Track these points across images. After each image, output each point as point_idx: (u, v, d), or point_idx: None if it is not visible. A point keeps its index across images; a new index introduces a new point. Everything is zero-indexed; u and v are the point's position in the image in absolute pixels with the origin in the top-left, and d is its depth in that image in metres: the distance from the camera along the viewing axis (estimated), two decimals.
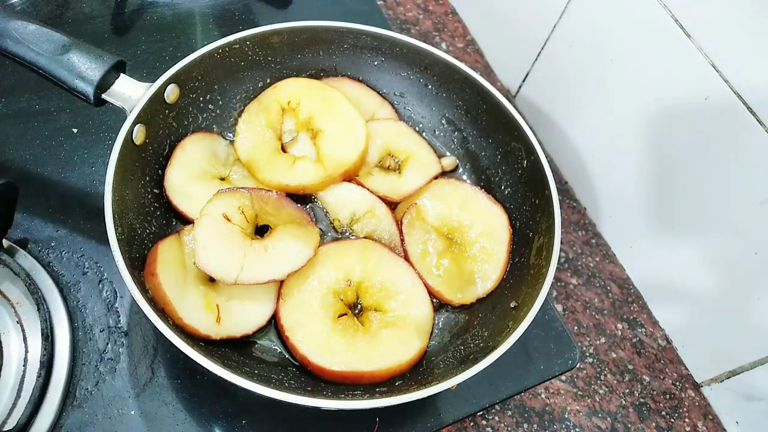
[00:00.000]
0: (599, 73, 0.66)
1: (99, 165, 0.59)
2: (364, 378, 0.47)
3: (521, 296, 0.50)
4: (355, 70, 0.63)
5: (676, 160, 0.60)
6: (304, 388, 0.45)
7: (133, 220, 0.49)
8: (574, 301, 0.68)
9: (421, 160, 0.60)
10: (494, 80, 0.85)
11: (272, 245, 0.49)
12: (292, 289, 0.49)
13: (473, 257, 0.54)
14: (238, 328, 0.48)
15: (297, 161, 0.56)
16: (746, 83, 0.52)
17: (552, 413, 0.61)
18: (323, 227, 0.57)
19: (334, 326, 0.48)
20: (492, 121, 0.59)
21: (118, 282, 0.53)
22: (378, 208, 0.56)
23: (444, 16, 0.89)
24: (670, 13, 0.56)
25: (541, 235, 0.52)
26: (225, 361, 0.42)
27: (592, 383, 0.64)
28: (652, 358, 0.66)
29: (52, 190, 0.57)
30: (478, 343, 0.49)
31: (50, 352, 0.48)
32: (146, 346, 0.51)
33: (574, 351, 0.56)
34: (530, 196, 0.56)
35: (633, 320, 0.69)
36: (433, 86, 0.63)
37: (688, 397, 0.65)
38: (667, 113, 0.60)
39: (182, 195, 0.53)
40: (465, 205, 0.56)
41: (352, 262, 0.51)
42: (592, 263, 0.72)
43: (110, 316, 0.52)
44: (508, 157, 0.59)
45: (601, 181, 0.72)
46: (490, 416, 0.59)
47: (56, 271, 0.53)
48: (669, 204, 0.63)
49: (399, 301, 0.50)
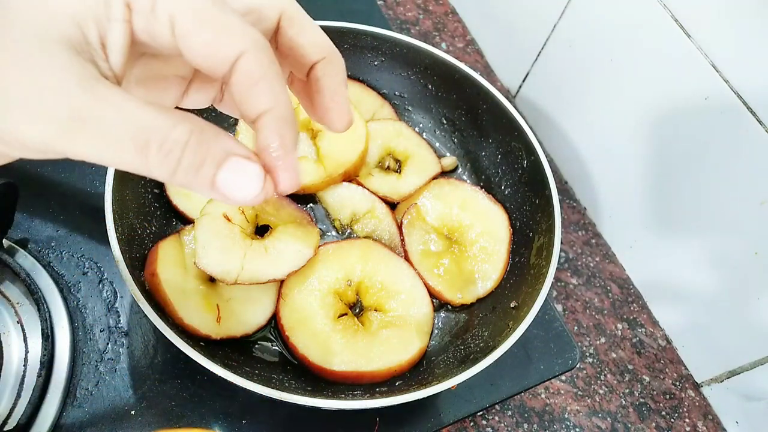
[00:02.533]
0: (599, 73, 0.66)
1: (99, 165, 0.59)
2: (364, 378, 0.47)
3: (521, 296, 0.50)
4: (355, 70, 0.63)
5: (676, 160, 0.60)
6: (304, 388, 0.45)
7: (133, 220, 0.49)
8: (574, 301, 0.68)
9: (421, 160, 0.60)
10: (494, 80, 0.85)
11: (272, 245, 0.49)
12: (292, 289, 0.49)
13: (473, 257, 0.54)
14: (238, 328, 0.48)
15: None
16: (746, 83, 0.52)
17: (552, 413, 0.61)
18: (323, 227, 0.57)
19: (334, 326, 0.48)
20: (492, 121, 0.59)
21: (118, 282, 0.53)
22: (378, 208, 0.56)
23: (444, 16, 0.89)
24: (670, 13, 0.56)
25: (541, 235, 0.52)
26: (225, 361, 0.42)
27: (592, 383, 0.64)
28: (652, 358, 0.66)
29: (52, 190, 0.57)
30: (478, 343, 0.49)
31: (50, 352, 0.48)
32: (146, 346, 0.51)
33: (574, 351, 0.56)
34: (530, 196, 0.56)
35: (633, 320, 0.69)
36: (433, 86, 0.63)
37: (688, 397, 0.65)
38: (667, 113, 0.60)
39: (182, 195, 0.54)
40: (465, 205, 0.56)
41: (353, 262, 0.51)
42: (592, 263, 0.72)
43: (110, 316, 0.52)
44: (508, 157, 0.59)
45: (601, 181, 0.72)
46: (490, 416, 0.59)
47: (56, 271, 0.53)
48: (669, 204, 0.63)
49: (399, 301, 0.50)
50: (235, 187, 0.24)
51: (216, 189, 0.24)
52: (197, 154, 0.23)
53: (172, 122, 0.23)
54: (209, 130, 0.24)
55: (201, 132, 0.23)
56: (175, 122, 0.23)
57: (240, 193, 0.24)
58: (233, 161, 0.24)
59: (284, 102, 0.25)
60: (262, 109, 0.25)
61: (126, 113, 0.22)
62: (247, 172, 0.24)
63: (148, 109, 0.23)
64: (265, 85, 0.25)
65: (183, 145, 0.23)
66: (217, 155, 0.24)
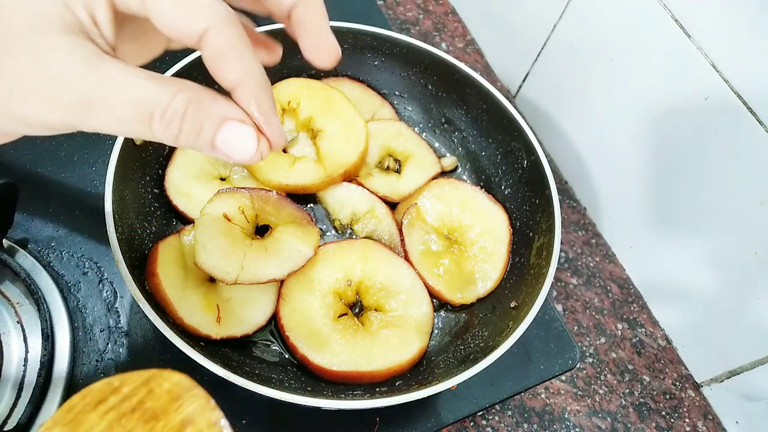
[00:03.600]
0: (599, 73, 0.66)
1: (99, 165, 0.59)
2: (364, 378, 0.47)
3: (521, 296, 0.50)
4: (355, 70, 0.63)
5: (676, 161, 0.60)
6: (304, 388, 0.45)
7: (133, 220, 0.49)
8: (574, 301, 0.68)
9: (420, 160, 0.60)
10: (494, 80, 0.85)
11: (272, 245, 0.49)
12: (293, 289, 0.49)
13: (473, 257, 0.54)
14: (238, 328, 0.48)
15: (297, 161, 0.56)
16: (746, 83, 0.52)
17: (552, 413, 0.61)
18: (323, 227, 0.57)
19: (334, 326, 0.48)
20: (492, 121, 0.59)
21: (118, 282, 0.53)
22: (378, 208, 0.56)
23: (444, 16, 0.89)
24: (670, 13, 0.56)
25: (542, 235, 0.52)
26: (225, 361, 0.42)
27: (592, 383, 0.64)
28: (652, 358, 0.66)
29: (52, 190, 0.57)
30: (478, 343, 0.49)
31: (50, 352, 0.48)
32: (146, 346, 0.51)
33: (574, 351, 0.56)
34: (530, 196, 0.56)
35: (633, 320, 0.69)
36: (433, 86, 0.63)
37: (688, 397, 0.65)
38: (667, 113, 0.60)
39: (182, 195, 0.54)
40: (465, 205, 0.56)
41: (353, 262, 0.51)
42: (592, 263, 0.72)
43: (110, 316, 0.52)
44: (508, 157, 0.59)
45: (601, 181, 0.72)
46: (490, 416, 0.59)
47: (56, 271, 0.53)
48: (669, 204, 0.63)
49: (399, 300, 0.50)
50: (234, 148, 0.27)
51: (217, 149, 0.26)
52: (195, 121, 0.25)
53: (172, 93, 0.25)
54: (205, 96, 0.26)
55: (198, 100, 0.25)
56: (174, 93, 0.25)
57: (239, 153, 0.27)
58: (229, 125, 0.26)
59: (254, 73, 0.27)
60: (233, 81, 0.27)
61: (130, 90, 0.24)
62: (242, 133, 0.26)
63: (149, 83, 0.25)
64: (233, 58, 0.26)
65: (182, 114, 0.25)
66: (215, 120, 0.26)
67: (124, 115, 0.24)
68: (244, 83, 0.27)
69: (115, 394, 0.27)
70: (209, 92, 0.26)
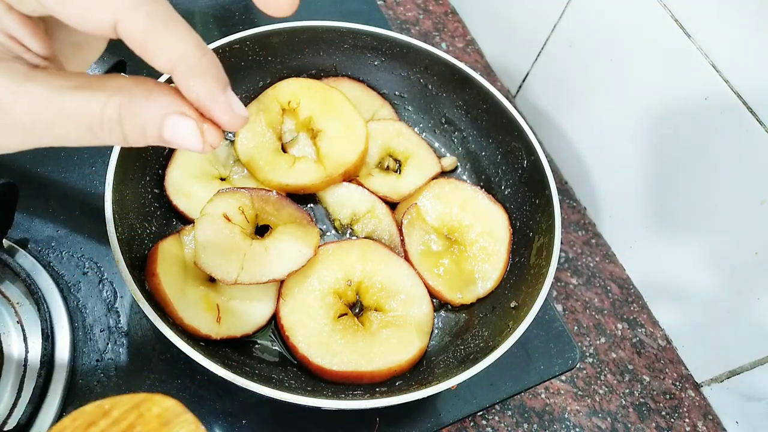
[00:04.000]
0: (599, 73, 0.66)
1: (99, 165, 0.60)
2: (364, 378, 0.47)
3: (521, 296, 0.50)
4: (355, 70, 0.63)
5: (676, 160, 0.60)
6: (304, 388, 0.45)
7: (133, 220, 0.49)
8: (574, 301, 0.68)
9: (420, 160, 0.60)
10: (494, 80, 0.85)
11: (272, 245, 0.49)
12: (293, 289, 0.49)
13: (473, 257, 0.54)
14: (238, 328, 0.48)
15: (297, 161, 0.56)
16: (746, 83, 0.52)
17: (552, 413, 0.61)
18: (323, 227, 0.57)
19: (334, 326, 0.48)
20: (492, 121, 0.59)
21: (118, 282, 0.53)
22: (378, 208, 0.56)
23: (444, 16, 0.89)
24: (670, 13, 0.56)
25: (542, 235, 0.52)
26: (225, 361, 0.42)
27: (592, 383, 0.64)
28: (652, 358, 0.66)
29: (52, 190, 0.57)
30: (478, 343, 0.49)
31: (50, 352, 0.48)
32: (146, 346, 0.51)
33: (574, 351, 0.56)
34: (530, 196, 0.56)
35: (633, 320, 0.69)
36: (433, 86, 0.63)
37: (688, 397, 0.65)
38: (667, 113, 0.60)
39: (182, 195, 0.54)
40: (465, 205, 0.56)
41: (353, 262, 0.51)
42: (592, 263, 0.72)
43: (110, 316, 0.52)
44: (508, 157, 0.59)
45: (601, 181, 0.72)
46: (490, 416, 0.59)
47: (56, 271, 0.53)
48: (669, 204, 0.63)
49: (399, 300, 0.50)
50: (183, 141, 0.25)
51: (169, 143, 0.25)
52: (135, 124, 0.24)
53: (102, 101, 0.24)
54: (139, 95, 0.24)
55: (131, 101, 0.24)
56: (105, 101, 0.24)
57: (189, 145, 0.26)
58: (170, 121, 0.25)
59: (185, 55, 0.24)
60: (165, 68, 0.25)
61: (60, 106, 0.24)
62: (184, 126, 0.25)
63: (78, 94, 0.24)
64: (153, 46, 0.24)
65: (118, 120, 0.24)
66: (155, 118, 0.25)
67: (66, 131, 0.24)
68: (176, 69, 0.24)
69: (105, 418, 0.27)
70: (144, 88, 0.25)
